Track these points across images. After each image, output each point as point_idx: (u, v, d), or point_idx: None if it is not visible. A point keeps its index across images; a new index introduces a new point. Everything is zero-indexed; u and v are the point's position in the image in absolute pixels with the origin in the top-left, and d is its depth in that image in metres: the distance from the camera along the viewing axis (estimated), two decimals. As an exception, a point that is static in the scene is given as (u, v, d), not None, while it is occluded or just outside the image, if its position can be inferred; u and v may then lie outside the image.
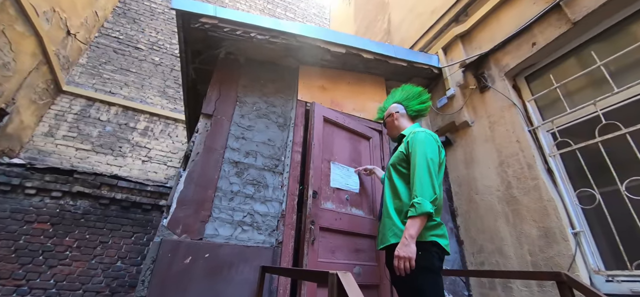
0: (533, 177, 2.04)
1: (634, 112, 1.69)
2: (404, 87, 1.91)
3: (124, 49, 5.42)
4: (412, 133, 1.52)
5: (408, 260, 1.19)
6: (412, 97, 1.83)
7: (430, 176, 1.31)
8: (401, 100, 1.84)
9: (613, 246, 1.67)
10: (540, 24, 2.21)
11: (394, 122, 1.76)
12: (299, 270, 1.05)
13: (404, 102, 1.83)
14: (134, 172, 4.52)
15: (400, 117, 1.77)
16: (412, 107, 1.81)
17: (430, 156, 1.38)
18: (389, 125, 1.81)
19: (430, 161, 1.36)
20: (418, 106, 1.82)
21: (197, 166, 1.77)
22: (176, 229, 1.58)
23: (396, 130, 1.76)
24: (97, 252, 3.83)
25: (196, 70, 2.36)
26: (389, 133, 1.83)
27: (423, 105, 1.83)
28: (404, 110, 1.80)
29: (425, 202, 1.24)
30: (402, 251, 1.21)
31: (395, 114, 1.78)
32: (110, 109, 4.83)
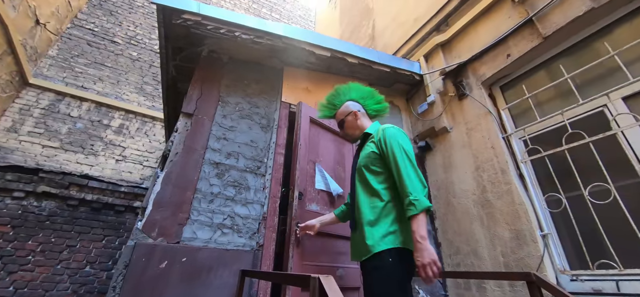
0: (506, 182, 2.15)
1: (596, 123, 1.82)
2: (353, 85, 1.78)
3: (99, 42, 5.15)
4: (382, 130, 1.45)
5: (434, 263, 1.10)
6: (367, 96, 1.75)
7: (414, 170, 1.28)
8: (357, 99, 1.73)
9: (577, 248, 1.79)
10: (515, 37, 2.33)
11: (356, 121, 1.64)
12: (280, 274, 1.03)
13: (361, 100, 1.73)
14: (106, 172, 4.29)
15: (361, 117, 1.66)
16: (370, 106, 1.73)
17: (408, 150, 1.35)
18: (349, 125, 1.66)
19: (409, 154, 1.33)
20: (376, 106, 1.74)
21: (176, 166, 1.70)
22: (152, 232, 1.51)
23: (358, 130, 1.64)
24: (64, 256, 3.58)
25: (177, 68, 2.28)
26: (348, 132, 1.68)
27: (380, 105, 1.76)
28: (363, 109, 1.70)
29: (422, 198, 1.19)
30: (424, 258, 1.11)
31: (357, 113, 1.64)
32: (82, 104, 4.56)
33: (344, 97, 1.73)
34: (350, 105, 1.68)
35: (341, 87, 1.78)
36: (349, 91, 1.75)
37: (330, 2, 7.73)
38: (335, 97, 1.76)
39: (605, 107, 1.81)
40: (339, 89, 1.77)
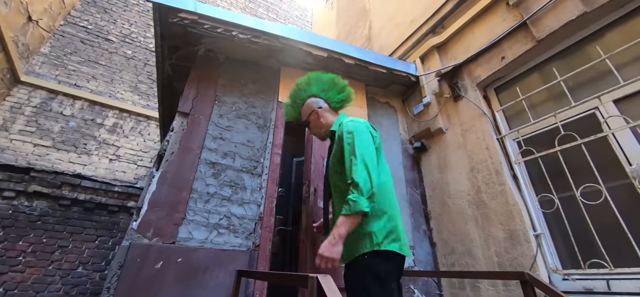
0: (500, 182, 2.17)
1: (588, 125, 1.85)
2: (312, 77, 1.59)
3: (93, 39, 5.08)
4: (340, 125, 1.35)
5: (331, 262, 1.07)
6: (328, 87, 1.57)
7: (364, 166, 1.16)
8: (318, 93, 1.56)
9: (569, 247, 1.82)
10: (509, 40, 2.36)
11: (319, 119, 1.50)
12: (278, 273, 1.02)
13: (323, 94, 1.56)
14: (100, 172, 4.23)
15: (325, 113, 1.51)
16: (333, 98, 1.55)
17: (360, 142, 1.22)
18: (313, 125, 1.54)
19: (362, 147, 1.20)
20: (339, 97, 1.56)
21: (172, 166, 1.69)
22: (147, 233, 1.49)
23: (323, 128, 1.50)
24: (55, 257, 3.53)
25: (173, 67, 2.26)
26: (314, 132, 1.57)
27: (344, 94, 1.58)
28: (326, 103, 1.54)
29: (360, 200, 1.09)
30: (326, 251, 1.07)
31: (318, 111, 1.50)
32: (75, 103, 4.49)
33: (305, 94, 1.58)
34: (312, 102, 1.55)
35: (301, 81, 1.60)
36: (309, 85, 1.58)
37: (327, 3, 7.74)
38: (296, 93, 1.61)
39: (596, 109, 1.84)
40: (300, 83, 1.60)
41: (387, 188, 1.29)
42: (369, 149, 1.22)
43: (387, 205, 1.23)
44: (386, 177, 1.33)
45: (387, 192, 1.27)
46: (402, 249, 1.19)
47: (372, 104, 3.04)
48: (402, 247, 1.20)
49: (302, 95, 1.60)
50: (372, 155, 1.21)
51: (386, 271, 1.13)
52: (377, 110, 3.06)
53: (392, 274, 1.15)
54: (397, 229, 1.20)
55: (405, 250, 1.22)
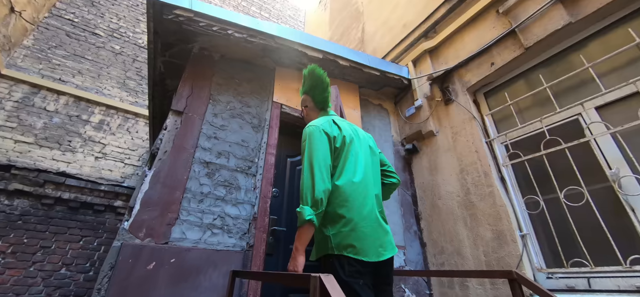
0: (488, 184, 2.24)
1: (572, 130, 1.94)
2: (305, 73, 1.57)
3: (79, 33, 4.91)
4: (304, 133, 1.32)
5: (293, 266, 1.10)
6: (315, 85, 1.53)
7: (311, 177, 1.15)
8: (307, 90, 1.55)
9: (553, 247, 1.90)
10: (499, 46, 2.44)
11: (308, 117, 1.52)
12: (277, 273, 1.01)
13: (310, 92, 1.54)
14: (85, 170, 4.10)
15: (309, 111, 1.52)
16: (317, 97, 1.53)
17: (308, 153, 1.20)
18: (306, 120, 1.57)
19: (312, 154, 1.19)
20: (321, 96, 1.52)
21: (165, 165, 1.66)
22: (139, 233, 1.47)
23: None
24: (37, 258, 3.39)
25: (165, 64, 2.22)
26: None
27: (325, 94, 1.53)
28: (312, 102, 1.54)
29: (303, 210, 1.10)
30: (290, 265, 1.10)
31: (304, 109, 1.53)
32: (59, 98, 4.34)
33: (302, 88, 1.60)
34: (302, 100, 1.58)
35: (304, 73, 1.57)
36: (305, 81, 1.57)
37: (320, 4, 7.76)
38: (302, 86, 1.62)
39: (579, 115, 1.93)
40: (303, 78, 1.59)
41: (350, 189, 1.22)
42: (317, 154, 1.20)
43: (344, 208, 1.17)
44: (351, 178, 1.24)
45: (349, 194, 1.21)
46: (360, 254, 1.11)
47: (365, 106, 3.08)
48: (361, 252, 1.11)
49: (301, 90, 1.61)
50: (320, 159, 1.19)
51: (350, 273, 1.08)
52: (370, 112, 3.09)
53: (360, 276, 1.10)
54: (354, 233, 1.14)
55: (371, 254, 1.13)
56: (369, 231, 1.18)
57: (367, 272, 1.12)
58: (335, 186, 1.21)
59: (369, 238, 1.16)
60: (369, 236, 1.16)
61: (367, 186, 1.28)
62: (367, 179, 1.30)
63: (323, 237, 1.17)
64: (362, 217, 1.18)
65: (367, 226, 1.18)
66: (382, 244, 1.21)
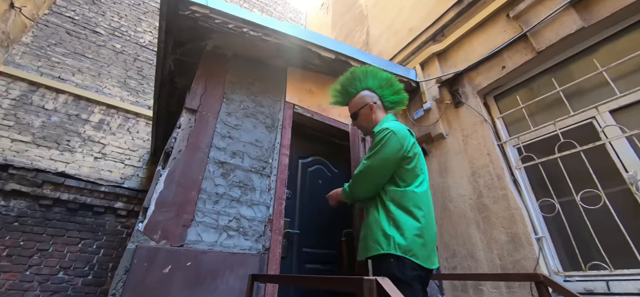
0: (502, 187, 2.24)
1: (586, 133, 1.94)
2: (369, 70, 1.57)
3: (80, 31, 4.82)
4: (378, 132, 1.36)
5: (330, 198, 1.53)
6: (385, 84, 1.56)
7: (363, 180, 1.32)
8: (374, 88, 1.55)
9: (568, 250, 1.89)
10: (510, 50, 2.46)
11: (370, 114, 1.49)
12: (317, 277, 0.96)
13: (378, 90, 1.55)
14: (83, 170, 3.99)
15: (376, 110, 1.49)
16: (387, 97, 1.55)
17: (378, 161, 1.27)
18: (363, 117, 1.52)
19: (375, 166, 1.28)
20: (394, 97, 1.57)
21: (180, 164, 1.61)
22: (154, 235, 1.41)
23: (372, 125, 1.48)
24: (34, 261, 3.27)
25: (176, 62, 2.18)
26: (362, 125, 1.54)
27: (399, 96, 1.59)
28: (380, 100, 1.54)
29: (346, 191, 1.37)
30: (332, 193, 1.55)
31: (372, 106, 1.48)
32: (58, 96, 4.23)
33: (360, 85, 1.57)
34: (366, 95, 1.53)
35: (357, 70, 1.59)
36: (366, 77, 1.57)
37: (322, 6, 7.78)
38: (350, 82, 1.59)
39: (594, 119, 1.94)
40: (355, 72, 1.59)
41: (421, 196, 1.29)
42: (382, 163, 1.29)
43: (415, 212, 1.23)
44: (422, 185, 1.32)
45: (420, 199, 1.27)
46: (421, 259, 1.17)
47: (374, 108, 3.06)
48: (422, 257, 1.18)
49: (357, 85, 1.57)
50: (380, 170, 1.28)
51: (412, 277, 1.12)
52: (379, 114, 3.07)
53: (418, 281, 1.15)
54: (421, 239, 1.19)
55: (428, 262, 1.20)
56: (430, 239, 1.24)
57: (422, 278, 1.16)
58: (407, 191, 1.26)
59: (429, 245, 1.21)
60: (429, 244, 1.22)
61: (429, 194, 1.36)
62: (428, 187, 1.39)
63: (383, 236, 1.18)
64: (428, 224, 1.24)
65: (429, 234, 1.24)
66: (434, 252, 1.28)
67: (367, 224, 1.31)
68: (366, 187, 1.31)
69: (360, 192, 1.34)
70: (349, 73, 1.61)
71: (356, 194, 1.36)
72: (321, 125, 2.47)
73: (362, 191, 1.33)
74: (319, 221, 2.25)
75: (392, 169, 1.29)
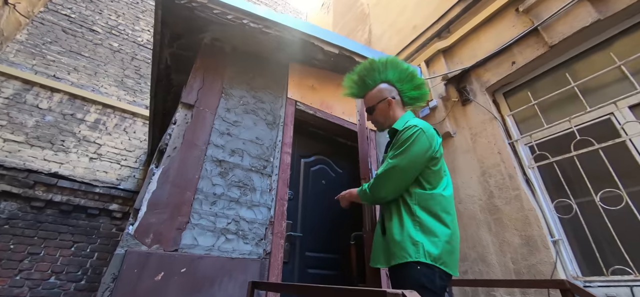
0: (514, 187, 2.13)
1: (604, 130, 1.84)
2: (390, 61, 1.43)
3: (76, 29, 4.72)
4: (405, 125, 1.24)
5: (342, 198, 1.42)
6: (405, 78, 1.41)
7: (389, 181, 1.18)
8: (394, 81, 1.41)
9: (588, 254, 1.78)
10: (520, 45, 2.36)
11: (388, 110, 1.36)
12: (328, 288, 0.83)
13: (398, 84, 1.41)
14: (78, 171, 3.87)
15: (395, 105, 1.36)
16: (407, 92, 1.41)
17: (406, 160, 1.15)
18: (380, 113, 1.38)
19: (402, 164, 1.15)
20: (414, 93, 1.43)
21: (174, 162, 1.50)
22: (146, 238, 1.30)
23: (389, 121, 1.36)
24: (24, 266, 3.15)
25: (173, 56, 2.08)
26: (378, 120, 1.41)
27: (419, 91, 1.44)
28: (399, 95, 1.40)
29: (365, 192, 1.27)
30: (345, 193, 1.41)
31: (391, 101, 1.35)
32: (53, 95, 4.12)
33: (379, 76, 1.43)
34: (384, 89, 1.39)
35: (376, 62, 1.44)
36: (385, 69, 1.42)
37: (322, 6, 7.71)
38: (369, 73, 1.45)
39: (612, 115, 1.84)
40: (375, 64, 1.44)
41: (449, 200, 1.21)
42: (410, 164, 1.16)
43: (444, 217, 1.15)
44: (448, 188, 1.23)
45: (447, 204, 1.19)
46: (449, 267, 1.09)
47: (379, 106, 2.96)
48: (450, 265, 1.10)
49: (376, 77, 1.43)
50: (408, 170, 1.17)
51: (441, 287, 1.06)
52: (384, 112, 2.97)
53: (445, 291, 1.14)
54: (450, 245, 1.12)
55: (455, 269, 1.12)
56: (457, 246, 1.16)
57: (448, 287, 1.08)
58: (435, 194, 1.17)
59: (456, 252, 1.14)
60: (456, 250, 1.15)
61: (453, 199, 1.27)
62: (452, 191, 1.30)
63: (410, 242, 1.08)
64: (456, 231, 1.18)
65: (456, 240, 1.17)
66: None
67: (388, 229, 1.20)
68: (391, 189, 1.19)
69: (384, 193, 1.21)
70: (368, 63, 1.47)
71: (378, 195, 1.23)
72: (324, 123, 2.37)
73: (386, 193, 1.20)
74: (323, 224, 2.14)
75: (419, 169, 1.17)
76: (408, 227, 1.13)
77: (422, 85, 1.46)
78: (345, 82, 1.52)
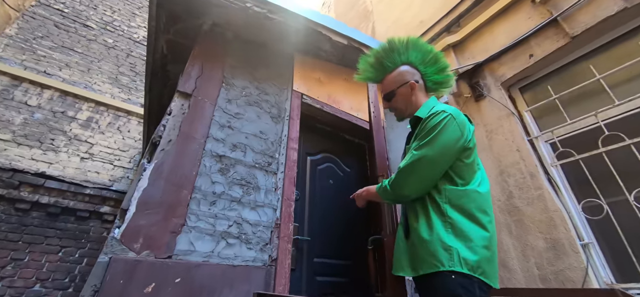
0: (537, 187, 1.99)
1: (634, 124, 1.71)
2: (411, 41, 1.25)
3: (69, 24, 4.54)
4: (430, 111, 1.08)
5: (358, 197, 1.28)
6: (429, 60, 1.24)
7: (412, 175, 1.02)
8: (417, 63, 1.24)
9: (624, 258, 1.63)
10: (537, 37, 2.24)
11: (410, 95, 1.19)
12: None
13: (421, 67, 1.24)
14: (68, 171, 3.67)
15: (419, 91, 1.19)
16: (430, 76, 1.24)
17: (433, 151, 1.00)
18: (401, 98, 1.21)
19: (428, 156, 1.00)
20: (438, 77, 1.25)
21: (169, 157, 1.34)
22: (134, 243, 1.13)
23: (410, 108, 1.21)
24: (7, 272, 2.94)
25: (169, 44, 1.91)
26: (398, 107, 1.25)
27: (443, 76, 1.26)
28: (422, 79, 1.23)
29: (386, 189, 1.10)
30: (363, 192, 1.26)
31: (414, 84, 1.18)
32: (43, 92, 3.93)
33: (399, 58, 1.25)
34: (406, 71, 1.22)
35: (396, 41, 1.26)
36: (407, 50, 1.25)
37: (323, 6, 7.61)
38: (387, 54, 1.27)
39: (643, 108, 1.71)
40: (394, 44, 1.26)
41: (488, 198, 1.06)
42: (438, 155, 1.01)
43: (483, 219, 0.99)
44: (487, 184, 1.11)
45: (488, 203, 1.05)
46: (490, 278, 0.92)
47: (387, 102, 2.82)
48: (491, 276, 0.93)
49: (395, 59, 1.25)
50: (436, 161, 1.01)
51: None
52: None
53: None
54: (489, 251, 0.95)
55: (496, 280, 0.95)
56: (495, 251, 0.99)
57: None
58: (469, 190, 1.00)
59: (495, 259, 0.97)
60: (495, 257, 0.97)
61: (490, 196, 1.10)
62: (489, 187, 1.14)
63: (442, 248, 0.92)
64: (494, 233, 1.00)
65: (495, 245, 0.99)
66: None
67: (413, 231, 1.04)
68: (417, 184, 1.02)
69: (408, 190, 1.03)
70: (386, 43, 1.29)
71: (401, 192, 1.05)
72: (332, 119, 2.22)
73: (409, 190, 1.03)
74: (332, 227, 1.98)
75: (450, 162, 1.01)
76: (438, 229, 0.96)
77: (447, 69, 1.30)
78: (361, 64, 1.35)
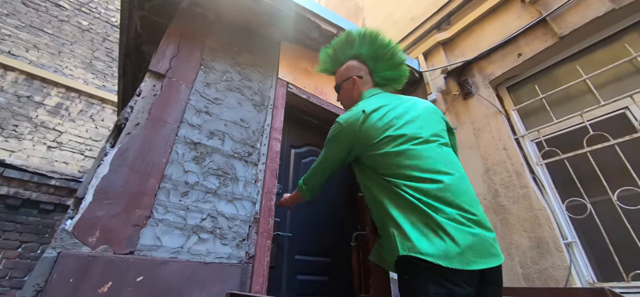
0: (522, 185, 1.98)
1: (618, 125, 1.72)
2: (369, 34, 1.23)
3: (39, 3, 4.20)
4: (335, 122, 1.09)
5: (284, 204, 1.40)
6: (382, 55, 1.20)
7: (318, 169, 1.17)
8: (365, 58, 1.22)
9: (604, 257, 1.64)
10: (526, 36, 2.24)
11: (352, 90, 1.18)
12: None
13: (370, 62, 1.22)
14: (33, 161, 3.39)
15: (361, 85, 1.18)
16: (380, 72, 1.22)
17: (322, 155, 1.14)
18: (344, 93, 1.22)
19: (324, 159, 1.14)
20: (388, 74, 1.22)
21: (135, 141, 1.20)
22: (89, 237, 0.99)
23: (352, 102, 1.18)
24: (-42, 270, 2.66)
25: (143, 21, 1.75)
26: (344, 103, 1.25)
27: (395, 72, 1.23)
28: (368, 74, 1.21)
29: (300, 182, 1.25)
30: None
31: (356, 80, 1.17)
32: (7, 74, 3.60)
33: (350, 51, 1.24)
34: (352, 66, 1.21)
35: (353, 34, 1.24)
36: (360, 43, 1.22)
37: (313, 1, 7.49)
38: (342, 47, 1.26)
39: (627, 109, 1.73)
40: (350, 37, 1.24)
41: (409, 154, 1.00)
42: (332, 158, 1.12)
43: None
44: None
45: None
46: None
47: (376, 97, 2.75)
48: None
49: (347, 52, 1.24)
50: (329, 164, 1.14)
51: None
52: (381, 104, 2.77)
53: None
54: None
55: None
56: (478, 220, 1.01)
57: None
58: (392, 151, 1.00)
59: (479, 234, 0.96)
60: (475, 228, 0.96)
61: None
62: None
63: (393, 227, 0.92)
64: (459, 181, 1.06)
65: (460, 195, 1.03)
66: (489, 240, 1.04)
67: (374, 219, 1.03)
68: (319, 181, 1.20)
69: (314, 184, 1.22)
70: (344, 35, 1.27)
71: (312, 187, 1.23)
72: (318, 111, 2.12)
73: (314, 183, 1.21)
74: (315, 223, 1.89)
75: (345, 163, 1.11)
76: (385, 203, 0.92)
77: (401, 65, 1.26)
78: (321, 55, 1.31)
